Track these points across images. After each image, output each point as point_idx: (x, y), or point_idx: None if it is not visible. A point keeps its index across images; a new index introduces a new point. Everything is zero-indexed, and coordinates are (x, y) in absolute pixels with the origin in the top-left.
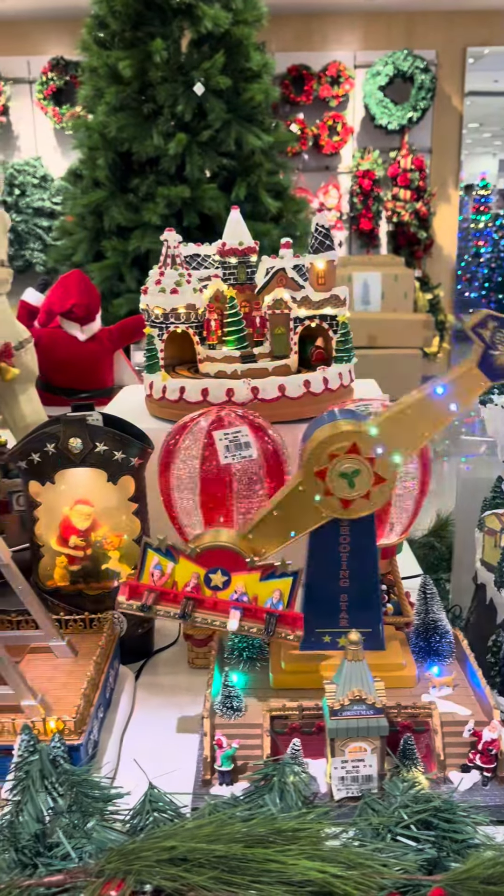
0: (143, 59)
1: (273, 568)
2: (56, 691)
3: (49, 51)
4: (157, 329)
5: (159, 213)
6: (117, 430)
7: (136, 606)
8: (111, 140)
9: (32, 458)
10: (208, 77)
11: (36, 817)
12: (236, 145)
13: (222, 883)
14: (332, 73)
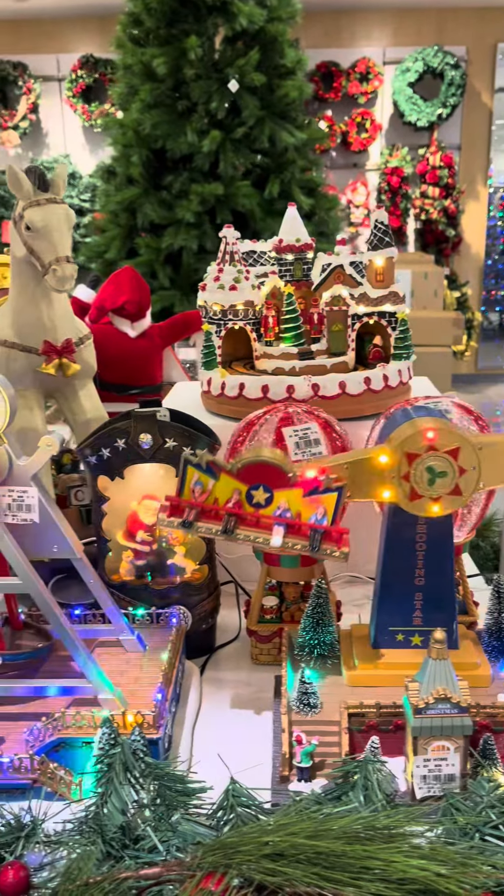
0: (178, 57)
1: (317, 483)
2: (129, 685)
3: (78, 48)
4: (215, 326)
5: (193, 210)
6: (186, 426)
7: (177, 523)
8: (145, 137)
9: (102, 453)
10: (242, 74)
11: (121, 809)
12: (270, 142)
13: (323, 879)
14: (362, 70)
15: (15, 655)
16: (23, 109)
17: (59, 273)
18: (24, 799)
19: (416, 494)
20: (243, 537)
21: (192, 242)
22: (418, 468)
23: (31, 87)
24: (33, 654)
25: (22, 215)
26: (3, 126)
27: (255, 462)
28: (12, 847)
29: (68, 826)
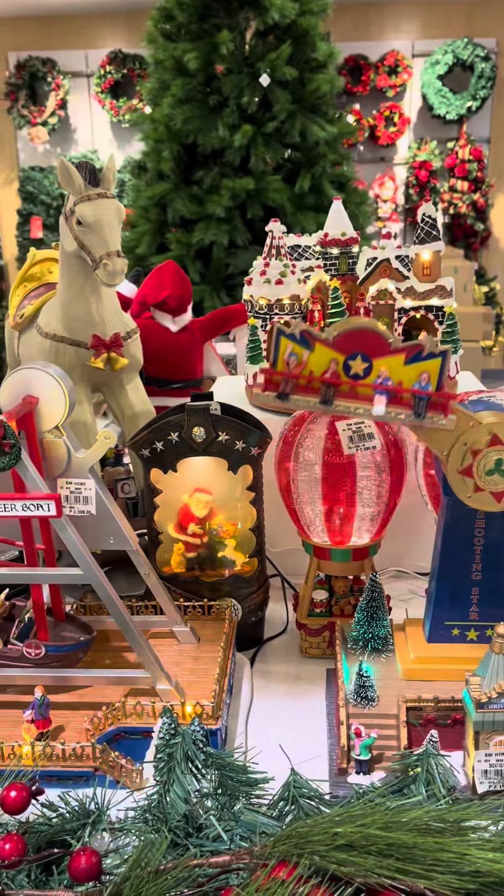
0: (209, 51)
1: (419, 348)
2: (185, 677)
3: (107, 44)
4: (261, 320)
5: (223, 205)
6: (238, 420)
7: (272, 397)
8: (176, 132)
9: (156, 446)
10: (274, 68)
11: (183, 798)
12: (300, 136)
13: (396, 871)
14: (390, 63)
15: (58, 647)
16: (51, 105)
17: (110, 267)
18: (86, 787)
19: (478, 488)
20: (343, 408)
21: (223, 237)
22: (482, 462)
23: (59, 83)
24: (76, 646)
25: (73, 210)
26: (32, 122)
27: (351, 330)
28: (78, 833)
29: (131, 814)
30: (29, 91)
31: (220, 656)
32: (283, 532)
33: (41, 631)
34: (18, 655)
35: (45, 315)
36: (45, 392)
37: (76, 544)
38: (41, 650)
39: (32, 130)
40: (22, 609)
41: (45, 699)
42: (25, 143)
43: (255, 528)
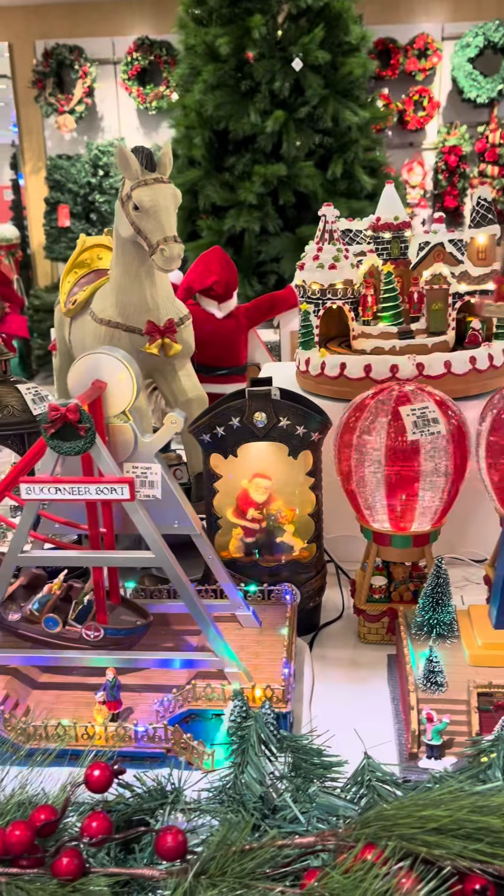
0: (241, 36)
1: None
2: (250, 660)
3: (133, 31)
4: (313, 305)
5: (255, 191)
6: (299, 405)
7: None
8: (207, 119)
9: (217, 431)
10: (306, 52)
11: (258, 780)
12: (333, 121)
13: (486, 855)
14: (420, 46)
15: (117, 630)
16: (79, 93)
17: (167, 252)
18: (158, 767)
19: None
20: None
21: (255, 224)
22: None
23: (86, 71)
24: (135, 630)
25: (130, 195)
26: (59, 110)
27: None
28: (155, 813)
29: (204, 794)
30: (56, 79)
31: (286, 640)
32: (334, 518)
33: (100, 613)
34: (77, 637)
35: (98, 301)
36: (112, 377)
37: (148, 527)
38: (100, 632)
39: (59, 119)
40: (79, 591)
41: (116, 681)
42: (53, 131)
43: (314, 513)
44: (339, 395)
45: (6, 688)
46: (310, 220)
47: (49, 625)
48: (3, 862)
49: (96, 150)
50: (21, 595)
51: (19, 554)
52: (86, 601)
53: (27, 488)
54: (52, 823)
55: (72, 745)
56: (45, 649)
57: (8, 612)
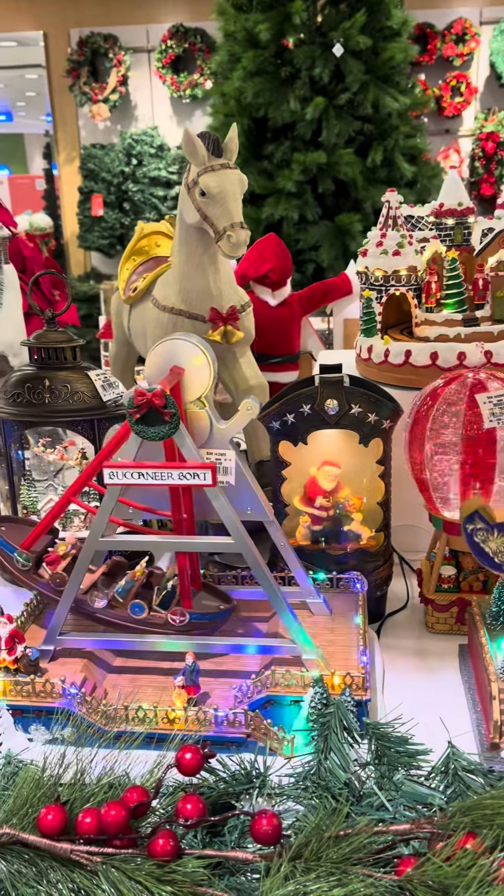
0: (282, 22)
1: None
2: (324, 647)
3: (168, 19)
4: (376, 292)
5: (294, 179)
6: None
7: None
8: (246, 106)
9: (287, 418)
10: (347, 37)
11: (342, 767)
12: (373, 108)
13: None
14: (458, 31)
15: (202, 614)
16: (113, 82)
17: (234, 239)
18: (236, 752)
19: None
20: None
21: (293, 212)
22: None
23: (121, 59)
24: (218, 614)
25: (196, 181)
26: (93, 99)
27: None
28: (240, 797)
29: (285, 780)
30: (90, 68)
31: (361, 628)
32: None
33: (185, 599)
34: (163, 622)
35: (160, 288)
36: (190, 362)
37: (228, 513)
38: (185, 617)
39: (94, 107)
40: (160, 577)
41: (195, 666)
42: (86, 120)
43: (382, 502)
44: (404, 382)
45: (83, 671)
46: (348, 208)
47: (135, 611)
48: (97, 842)
49: (130, 139)
50: (103, 583)
51: (100, 538)
52: (169, 587)
53: (110, 473)
54: (144, 804)
55: (152, 728)
56: (125, 634)
57: (93, 599)
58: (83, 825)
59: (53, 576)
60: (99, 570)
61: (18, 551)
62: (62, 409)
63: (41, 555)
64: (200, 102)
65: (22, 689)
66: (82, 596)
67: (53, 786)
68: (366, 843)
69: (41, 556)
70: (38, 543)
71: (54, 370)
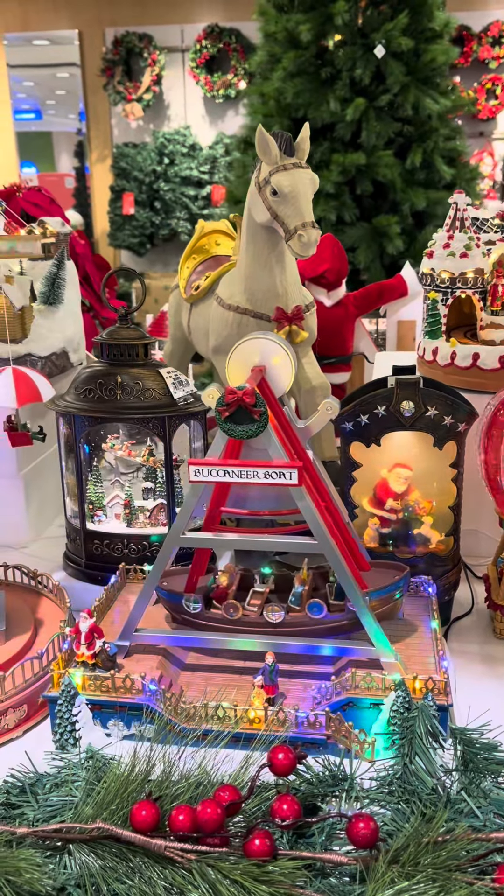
0: (323, 22)
1: None
2: (400, 651)
3: (203, 18)
4: (442, 294)
5: (333, 180)
6: (448, 395)
7: None
8: (286, 106)
9: (361, 419)
10: (389, 39)
11: (427, 772)
12: (413, 110)
13: None
14: (494, 34)
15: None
16: (147, 81)
17: (305, 238)
18: (316, 754)
19: None
20: None
21: (331, 213)
22: None
23: (155, 59)
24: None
25: (268, 180)
26: (127, 98)
27: None
28: (325, 799)
29: (366, 783)
30: (125, 67)
31: (438, 632)
32: None
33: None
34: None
35: (225, 287)
36: (271, 361)
37: (313, 513)
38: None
39: (127, 107)
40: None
41: (275, 665)
42: (119, 119)
43: (454, 506)
44: (471, 386)
45: (159, 668)
46: (386, 210)
47: (314, 611)
48: (190, 839)
49: (162, 139)
50: (239, 599)
51: (181, 535)
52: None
53: (195, 470)
54: (236, 803)
55: (232, 727)
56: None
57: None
58: (177, 822)
59: (226, 606)
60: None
61: (185, 597)
62: (133, 406)
63: (208, 593)
64: (234, 102)
65: (101, 684)
66: (215, 612)
67: (143, 782)
68: (464, 850)
69: (208, 594)
70: (201, 583)
71: (126, 367)
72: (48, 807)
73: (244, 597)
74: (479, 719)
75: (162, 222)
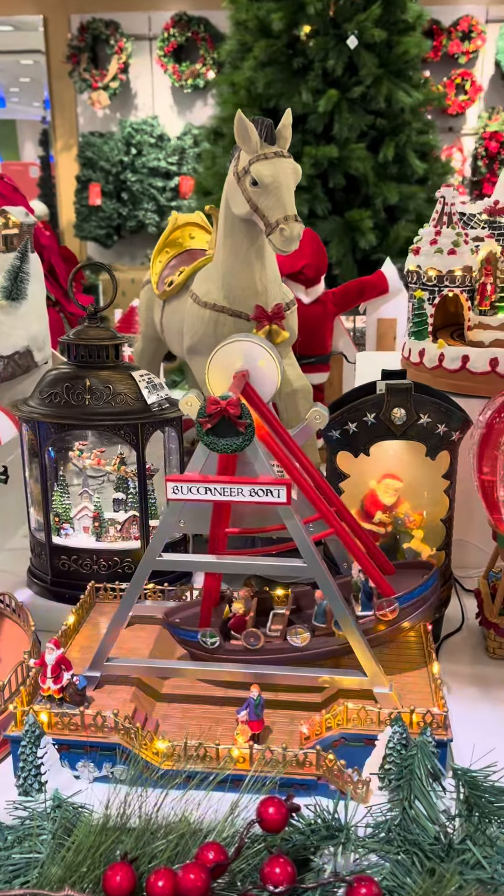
0: (296, 11)
1: None
2: (391, 678)
3: (170, 6)
4: (428, 292)
5: (304, 173)
6: (441, 401)
7: None
8: (257, 96)
9: (348, 427)
10: (362, 30)
11: (428, 817)
12: (386, 102)
13: None
14: (464, 28)
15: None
16: (113, 69)
17: (287, 232)
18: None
19: None
20: None
21: (303, 207)
22: None
23: (122, 47)
24: (427, 584)
25: (247, 170)
26: (93, 86)
27: None
28: (319, 852)
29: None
30: (91, 54)
31: (434, 659)
32: None
33: (384, 588)
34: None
35: (201, 283)
36: (255, 365)
37: (301, 534)
38: (394, 606)
39: (93, 95)
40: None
41: (261, 699)
42: (85, 107)
43: (445, 518)
44: (460, 389)
45: (133, 700)
46: (358, 204)
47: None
48: None
49: (129, 128)
50: (259, 623)
51: (157, 557)
52: (361, 585)
53: (174, 487)
54: (222, 865)
55: (214, 768)
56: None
57: (295, 636)
58: (155, 889)
59: (246, 635)
60: (251, 612)
61: (202, 633)
62: (103, 411)
63: (224, 624)
64: (202, 93)
65: (70, 722)
66: (235, 644)
67: (117, 838)
68: None
69: (225, 625)
70: (215, 615)
71: (95, 369)
72: (10, 865)
73: (263, 621)
74: (482, 758)
75: (129, 214)
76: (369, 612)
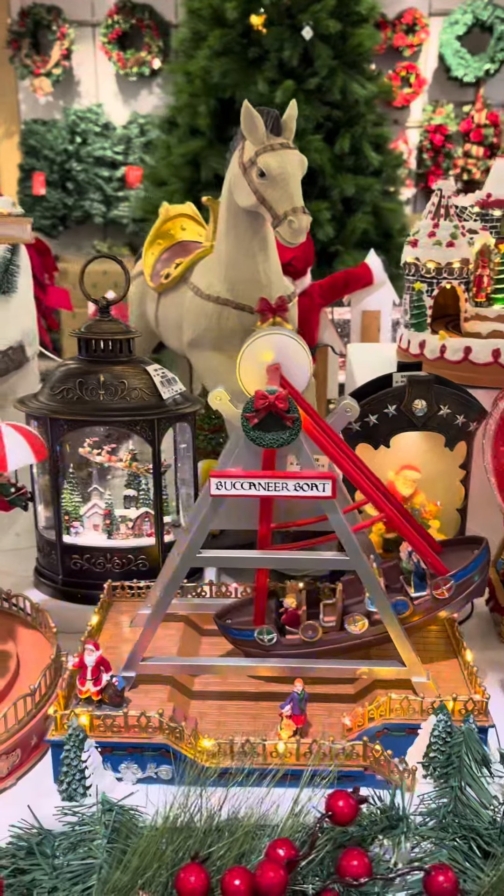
0: (249, 1)
1: None
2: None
3: None
4: (427, 284)
5: None
6: (459, 392)
7: None
8: (212, 86)
9: (369, 419)
10: (317, 21)
11: (482, 803)
12: (341, 94)
13: None
14: (408, 21)
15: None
16: (56, 56)
17: (295, 224)
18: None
19: None
20: None
21: None
22: None
23: (65, 33)
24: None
25: (254, 161)
26: (35, 72)
27: None
28: (375, 839)
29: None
30: (32, 40)
31: (465, 646)
32: None
33: (438, 567)
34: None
35: (202, 276)
36: (287, 358)
37: (345, 527)
38: (450, 583)
39: (35, 81)
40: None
41: (304, 694)
42: (28, 94)
43: (461, 508)
44: (462, 380)
45: (171, 699)
46: (315, 196)
47: (399, 608)
48: None
49: (73, 116)
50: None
51: (197, 554)
52: (413, 567)
53: (217, 483)
54: (295, 861)
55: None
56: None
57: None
58: (231, 888)
59: (304, 628)
60: (303, 605)
61: (258, 631)
62: (118, 407)
63: (279, 619)
64: (147, 81)
65: (112, 724)
66: (291, 638)
67: (185, 838)
68: None
69: (279, 620)
70: (268, 612)
71: (108, 364)
72: (68, 873)
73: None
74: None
75: (75, 204)
76: (424, 591)
